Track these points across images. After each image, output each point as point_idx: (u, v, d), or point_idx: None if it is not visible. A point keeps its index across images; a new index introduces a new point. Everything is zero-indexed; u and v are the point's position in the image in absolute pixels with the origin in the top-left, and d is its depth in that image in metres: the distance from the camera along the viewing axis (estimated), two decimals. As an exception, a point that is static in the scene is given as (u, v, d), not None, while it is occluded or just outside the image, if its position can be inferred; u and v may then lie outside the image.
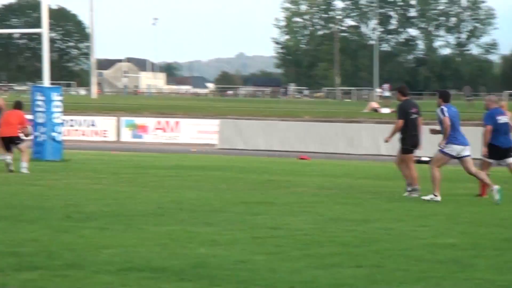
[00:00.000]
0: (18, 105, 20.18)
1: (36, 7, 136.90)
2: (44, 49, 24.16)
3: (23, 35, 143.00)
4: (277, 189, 16.33)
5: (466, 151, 14.48)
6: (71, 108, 41.41)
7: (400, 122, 15.25)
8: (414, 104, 15.88)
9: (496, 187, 14.23)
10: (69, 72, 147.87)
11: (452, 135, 14.39)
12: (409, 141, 15.32)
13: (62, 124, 24.45)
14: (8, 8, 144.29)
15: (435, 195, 14.39)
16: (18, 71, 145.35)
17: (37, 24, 27.45)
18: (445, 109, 14.49)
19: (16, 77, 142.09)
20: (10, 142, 19.21)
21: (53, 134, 23.17)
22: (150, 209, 12.50)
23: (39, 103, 23.28)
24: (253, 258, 8.61)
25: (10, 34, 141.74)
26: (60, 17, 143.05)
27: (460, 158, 14.51)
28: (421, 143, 15.49)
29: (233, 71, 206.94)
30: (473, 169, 14.56)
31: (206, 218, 11.62)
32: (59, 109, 23.58)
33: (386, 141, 15.71)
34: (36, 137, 23.13)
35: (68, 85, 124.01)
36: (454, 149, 14.42)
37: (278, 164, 25.09)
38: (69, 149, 25.43)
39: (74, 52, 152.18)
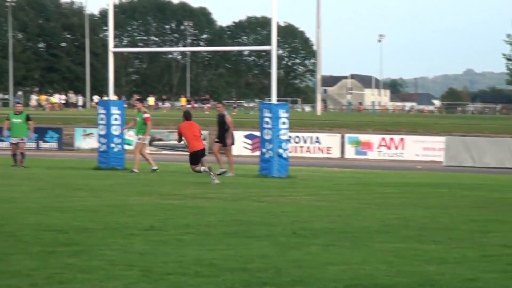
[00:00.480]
0: (189, 116, 20.65)
1: (265, 25, 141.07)
2: (272, 66, 24.46)
3: (252, 53, 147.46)
4: (509, 206, 15.76)
5: None
6: (296, 124, 42.15)
7: None
8: None
9: None
10: (295, 89, 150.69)
11: None
12: None
13: (288, 140, 24.79)
14: (238, 25, 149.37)
15: None
16: (247, 88, 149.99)
17: (266, 42, 28.12)
18: None
19: (245, 94, 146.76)
20: (202, 156, 20.01)
21: (280, 150, 23.49)
22: (375, 226, 12.43)
23: (267, 119, 23.60)
24: (483, 276, 8.36)
25: (240, 52, 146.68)
26: (288, 34, 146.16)
27: None
28: None
29: (460, 87, 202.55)
30: None
31: (433, 235, 11.40)
32: (286, 126, 23.81)
33: None
34: (263, 153, 23.64)
35: (294, 102, 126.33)
36: None
37: (508, 181, 24.20)
38: (294, 166, 25.82)
39: (300, 69, 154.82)
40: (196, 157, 20.20)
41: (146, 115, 23.74)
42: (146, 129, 23.69)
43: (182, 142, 20.48)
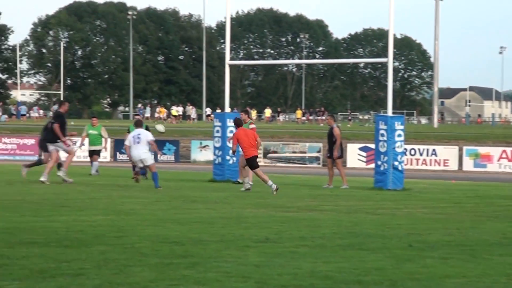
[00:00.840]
0: (241, 123, 20.76)
1: (381, 37, 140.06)
2: (389, 79, 24.22)
3: (367, 65, 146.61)
4: None
5: None
6: (412, 137, 41.59)
7: None
8: None
9: None
10: (410, 101, 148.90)
11: None
12: None
13: (404, 153, 24.52)
14: (354, 37, 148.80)
15: None
16: (362, 100, 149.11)
17: (382, 54, 27.94)
18: None
19: (360, 106, 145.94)
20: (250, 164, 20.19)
21: (395, 163, 23.25)
22: (495, 238, 12.14)
23: (382, 132, 23.38)
24: None
25: (355, 64, 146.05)
26: (404, 46, 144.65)
27: None
28: None
29: None
30: None
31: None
32: (401, 138, 23.54)
33: None
34: (378, 166, 23.46)
35: (410, 114, 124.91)
36: None
37: None
38: (410, 178, 25.50)
39: (417, 81, 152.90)
40: (253, 162, 20.31)
41: (252, 125, 23.88)
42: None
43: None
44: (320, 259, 10.03)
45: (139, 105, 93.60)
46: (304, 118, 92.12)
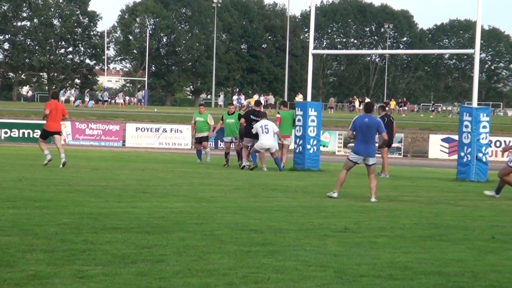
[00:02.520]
0: None
1: (468, 28, 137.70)
2: (475, 70, 23.95)
3: (452, 56, 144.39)
4: None
5: None
6: (497, 129, 40.82)
7: None
8: None
9: None
10: (497, 93, 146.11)
11: None
12: None
13: (488, 145, 24.16)
14: (440, 28, 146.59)
15: None
16: (446, 91, 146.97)
17: (468, 45, 27.45)
18: None
19: (443, 97, 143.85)
20: None
21: (479, 154, 22.96)
22: None
23: (466, 123, 23.20)
24: None
25: (440, 55, 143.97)
26: (492, 37, 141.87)
27: None
28: None
29: None
30: None
31: None
32: (486, 130, 23.26)
33: None
34: (461, 157, 23.19)
35: (496, 106, 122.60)
36: None
37: None
38: (494, 170, 25.05)
39: (504, 73, 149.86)
40: None
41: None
42: None
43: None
44: (399, 249, 9.94)
45: (221, 94, 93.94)
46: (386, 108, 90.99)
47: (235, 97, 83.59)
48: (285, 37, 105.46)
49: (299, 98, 75.82)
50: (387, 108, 33.38)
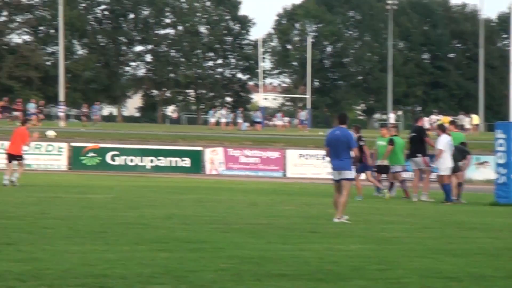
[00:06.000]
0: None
1: None
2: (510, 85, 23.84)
3: None
4: None
5: None
6: None
7: None
8: None
9: None
10: None
11: None
12: None
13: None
14: None
15: None
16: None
17: None
18: None
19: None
20: None
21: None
22: None
23: (500, 141, 24.19)
24: None
25: None
26: None
27: None
28: None
29: None
30: None
31: None
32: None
33: None
34: (497, 178, 23.79)
35: None
36: None
37: None
38: None
39: None
40: None
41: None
42: None
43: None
44: None
45: (398, 112, 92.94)
46: None
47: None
48: (478, 44, 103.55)
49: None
50: None
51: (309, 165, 43.04)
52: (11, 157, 28.04)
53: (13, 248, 12.49)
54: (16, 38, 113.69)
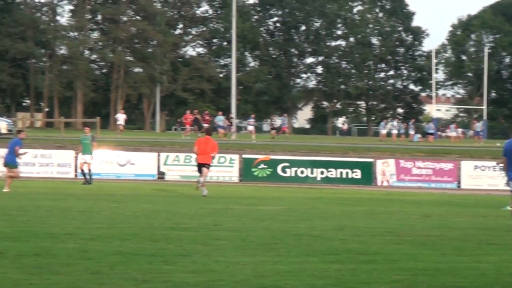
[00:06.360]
0: None
1: None
2: None
3: None
4: None
5: None
6: None
7: None
8: None
9: None
10: None
11: None
12: None
13: None
14: None
15: None
16: None
17: None
18: None
19: None
20: None
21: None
22: None
23: None
24: None
25: None
26: None
27: None
28: None
29: None
30: None
31: None
32: None
33: None
34: None
35: None
36: None
37: None
38: None
39: None
40: None
41: None
42: None
43: None
44: None
45: None
46: None
47: None
48: None
49: None
50: None
51: (485, 176, 42.27)
52: (201, 165, 29.11)
53: (188, 260, 12.68)
54: (190, 51, 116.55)
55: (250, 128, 70.45)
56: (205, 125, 60.81)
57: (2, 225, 16.91)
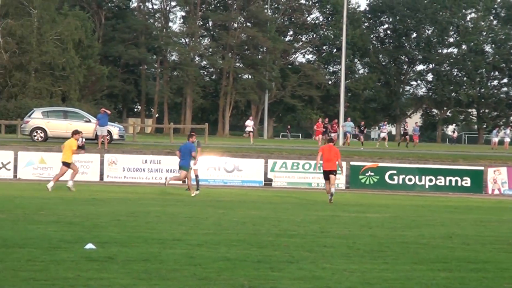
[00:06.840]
0: None
1: None
2: None
3: None
4: None
5: None
6: None
7: None
8: None
9: None
10: None
11: None
12: None
13: None
14: None
15: None
16: None
17: None
18: None
19: None
20: None
21: None
22: None
23: None
24: None
25: None
26: None
27: None
28: None
29: None
30: None
31: None
32: None
33: None
34: None
35: None
36: None
37: None
38: None
39: None
40: None
41: None
42: None
43: None
44: None
45: None
46: None
47: None
48: None
49: None
50: None
51: None
52: (328, 172, 29.38)
53: (295, 266, 12.67)
54: (300, 57, 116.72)
55: (383, 135, 69.45)
56: (333, 134, 60.80)
57: (112, 231, 17.15)
